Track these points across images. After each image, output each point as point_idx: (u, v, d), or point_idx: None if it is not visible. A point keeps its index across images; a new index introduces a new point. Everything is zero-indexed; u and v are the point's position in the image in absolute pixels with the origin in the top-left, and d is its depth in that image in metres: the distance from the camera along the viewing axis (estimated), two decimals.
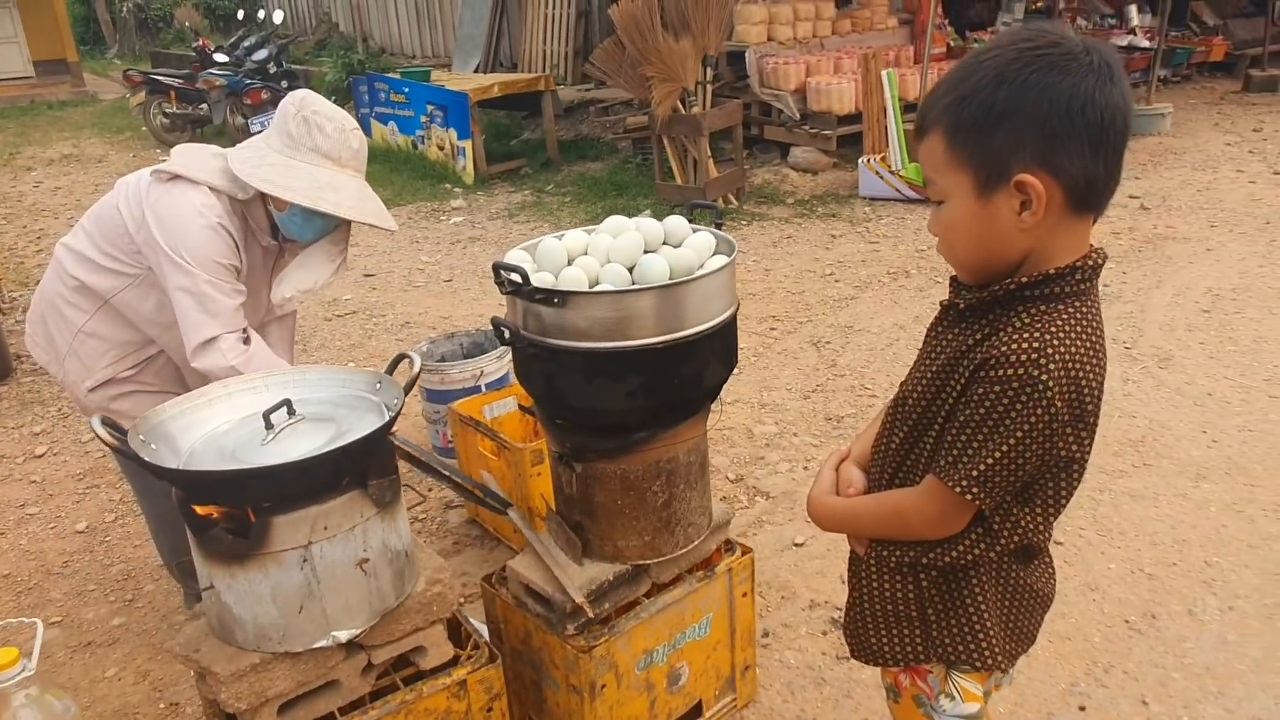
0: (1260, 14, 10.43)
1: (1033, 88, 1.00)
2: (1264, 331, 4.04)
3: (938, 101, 1.07)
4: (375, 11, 12.92)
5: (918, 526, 1.18)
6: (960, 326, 1.16)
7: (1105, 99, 1.00)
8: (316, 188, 1.90)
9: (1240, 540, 2.65)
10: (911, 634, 1.27)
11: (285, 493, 1.38)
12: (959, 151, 1.05)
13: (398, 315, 4.92)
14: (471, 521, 2.96)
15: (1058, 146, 1.01)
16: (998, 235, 1.07)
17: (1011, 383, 1.03)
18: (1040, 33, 1.03)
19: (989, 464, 1.07)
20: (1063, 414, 1.04)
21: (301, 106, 1.94)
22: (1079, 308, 1.07)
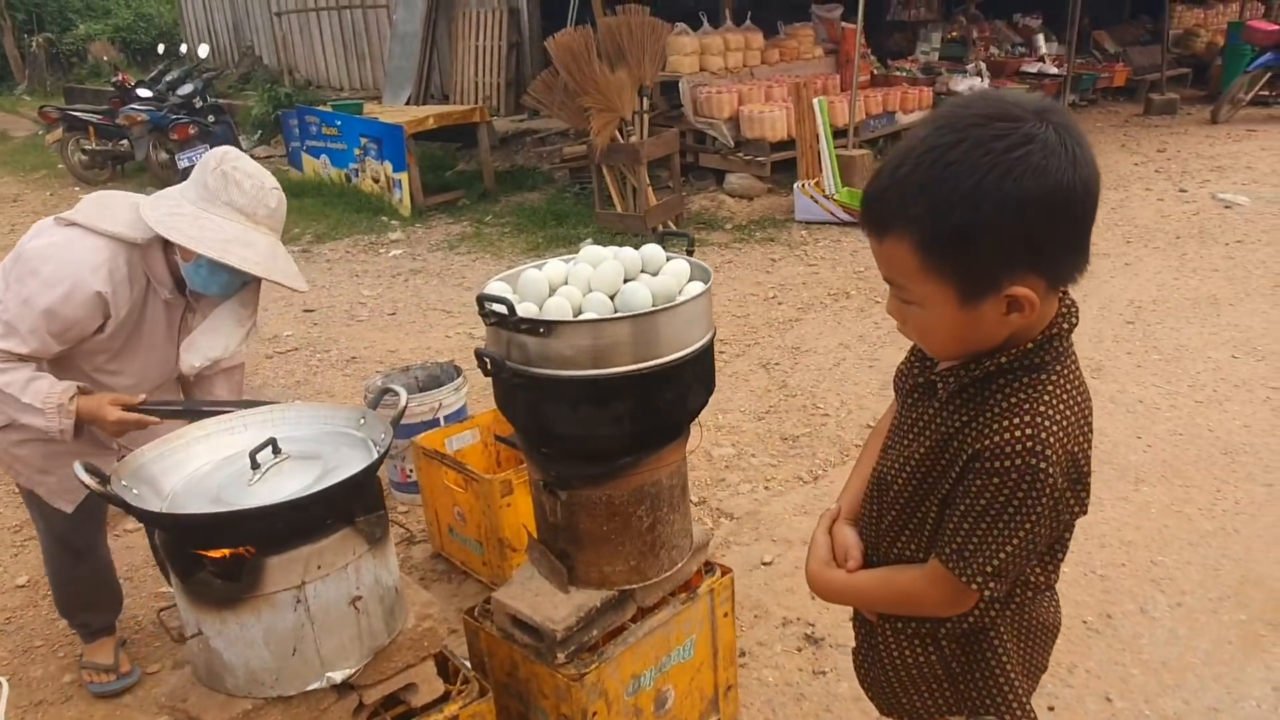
0: (1156, 42, 11.08)
1: (1014, 201, 0.92)
2: (1183, 340, 4.27)
3: (903, 206, 0.97)
4: (300, 45, 12.76)
5: (932, 608, 1.16)
6: (938, 404, 1.11)
7: (1083, 184, 0.95)
8: (225, 241, 1.88)
9: (1181, 539, 2.78)
10: (940, 691, 1.25)
11: (279, 533, 1.36)
12: (938, 264, 0.97)
13: (342, 350, 4.84)
14: (437, 557, 2.92)
15: (1045, 251, 0.97)
16: (983, 333, 1.02)
17: (1011, 474, 1.00)
18: (1003, 118, 0.94)
19: (1002, 558, 1.04)
20: (1064, 489, 1.03)
21: (222, 161, 1.93)
22: (1061, 372, 1.05)
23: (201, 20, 14.79)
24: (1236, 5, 12.19)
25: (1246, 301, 4.70)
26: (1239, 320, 4.46)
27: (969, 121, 0.95)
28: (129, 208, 1.99)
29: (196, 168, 1.97)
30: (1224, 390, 3.75)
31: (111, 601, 2.45)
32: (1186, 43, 11.51)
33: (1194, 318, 4.53)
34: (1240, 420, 3.49)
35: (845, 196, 6.52)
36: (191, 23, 15.06)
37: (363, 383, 4.29)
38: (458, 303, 5.45)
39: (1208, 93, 10.61)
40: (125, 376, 2.08)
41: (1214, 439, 3.37)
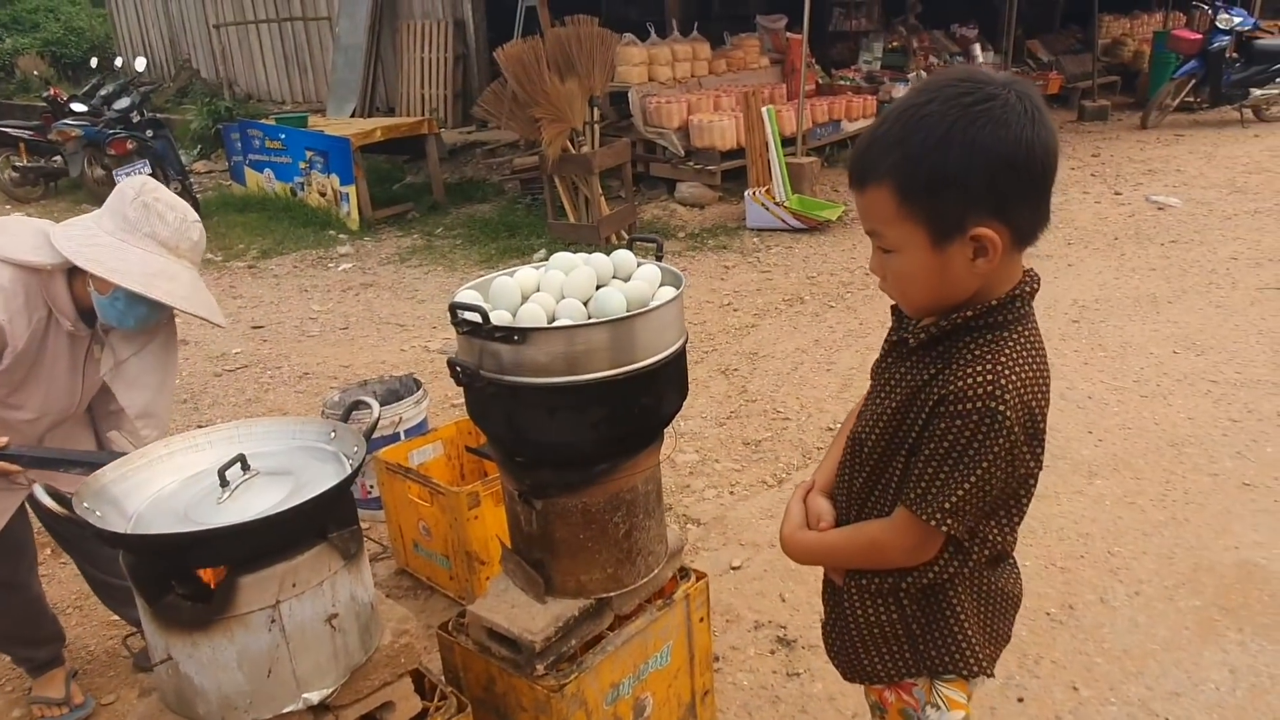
0: (1086, 51, 11.46)
1: (981, 147, 1.03)
2: (1127, 337, 4.40)
3: (882, 156, 1.08)
4: (240, 58, 12.53)
5: (894, 557, 1.22)
6: (911, 361, 1.19)
7: (1041, 143, 1.05)
8: (149, 274, 1.82)
9: (1135, 529, 2.86)
10: (900, 651, 1.30)
11: (252, 551, 1.32)
12: (911, 208, 1.07)
13: (294, 367, 4.74)
14: (401, 573, 2.87)
15: (1008, 199, 1.06)
16: (952, 280, 1.10)
17: (971, 416, 1.08)
18: (973, 83, 1.06)
19: (960, 495, 1.10)
20: (1020, 438, 1.09)
21: (142, 191, 1.87)
22: (1022, 333, 1.13)
23: (136, 34, 14.44)
24: (1160, 15, 12.66)
25: (1183, 299, 4.87)
26: (1177, 317, 4.62)
27: (940, 84, 1.08)
28: (33, 234, 1.90)
29: (112, 197, 1.89)
30: (1167, 385, 3.87)
31: (51, 634, 2.34)
32: (1115, 51, 11.93)
33: (1135, 315, 4.67)
34: (1184, 413, 3.61)
35: (795, 203, 6.60)
36: (125, 36, 14.69)
37: (317, 399, 4.22)
38: (411, 316, 5.38)
39: (1136, 99, 11.00)
40: (26, 411, 1.98)
41: (1160, 432, 3.47)
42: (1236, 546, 2.74)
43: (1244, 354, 4.12)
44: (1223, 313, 4.63)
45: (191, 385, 4.54)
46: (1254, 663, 2.27)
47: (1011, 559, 1.35)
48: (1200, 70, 9.39)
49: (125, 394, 2.04)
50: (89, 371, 2.05)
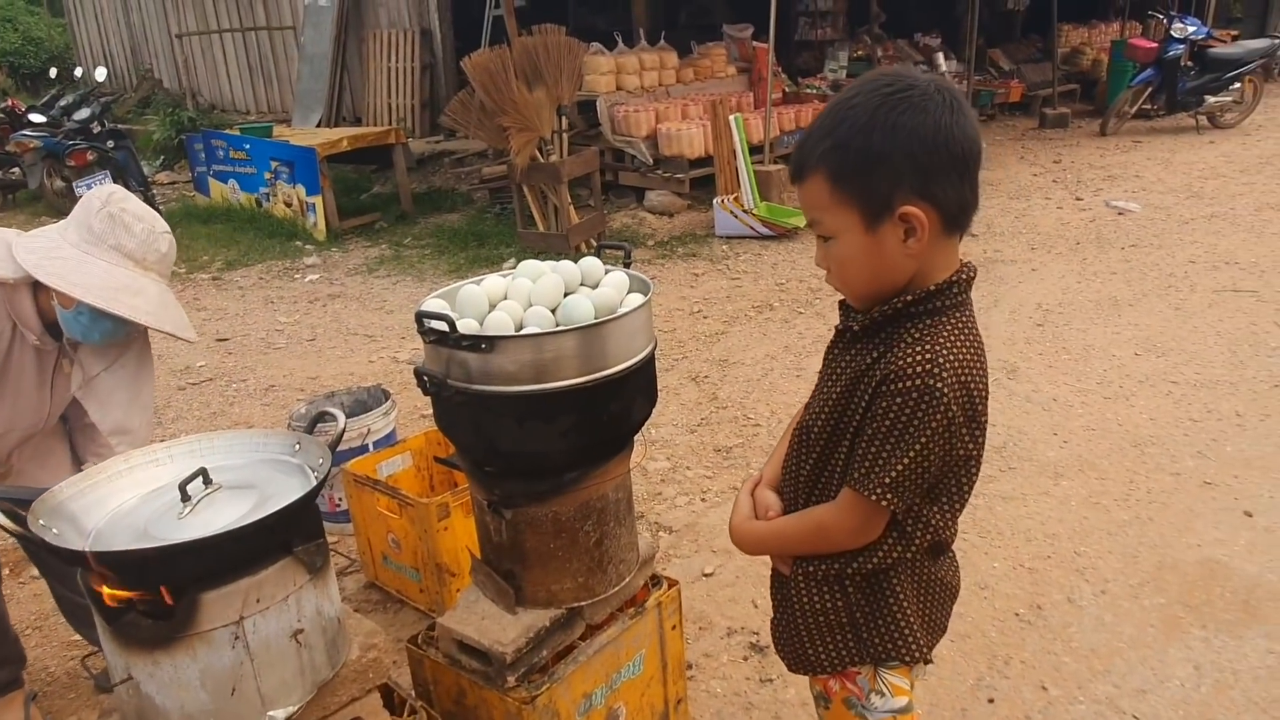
0: (1046, 59, 11.66)
1: (902, 129, 1.10)
2: (1090, 340, 4.47)
3: (815, 147, 1.16)
4: (203, 67, 12.38)
5: (839, 538, 1.26)
6: (856, 348, 1.25)
7: (961, 131, 1.12)
8: (112, 289, 1.77)
9: (1100, 529, 2.90)
10: (844, 639, 1.34)
11: (216, 566, 1.29)
12: (843, 192, 1.14)
13: (260, 379, 4.68)
14: (371, 586, 2.83)
15: (931, 177, 1.12)
16: (887, 262, 1.16)
17: (911, 394, 1.12)
18: (895, 77, 1.14)
19: (899, 470, 1.15)
20: (958, 417, 1.14)
21: (108, 202, 1.81)
22: (959, 319, 1.19)
23: (96, 44, 14.23)
24: (1117, 25, 12.93)
25: (1144, 302, 4.96)
26: (1138, 320, 4.70)
27: (866, 81, 1.16)
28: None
29: (78, 207, 1.84)
30: (1129, 386, 3.94)
31: (11, 655, 2.28)
32: (1074, 60, 12.14)
33: (1098, 318, 4.75)
34: (1146, 414, 3.67)
35: (764, 211, 6.64)
36: (85, 46, 14.47)
37: (283, 411, 4.16)
38: (379, 326, 5.34)
39: (1095, 107, 11.21)
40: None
41: (1124, 432, 3.53)
42: (1199, 544, 2.78)
43: (1203, 355, 4.21)
44: (1182, 315, 4.72)
45: (155, 399, 4.46)
46: (1217, 658, 2.31)
47: (951, 552, 1.39)
48: (1156, 78, 9.59)
49: (98, 411, 1.99)
50: (58, 386, 2.00)
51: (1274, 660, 2.28)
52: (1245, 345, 4.29)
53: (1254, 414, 3.62)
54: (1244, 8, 15.90)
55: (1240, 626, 2.42)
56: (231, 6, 11.51)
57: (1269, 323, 4.55)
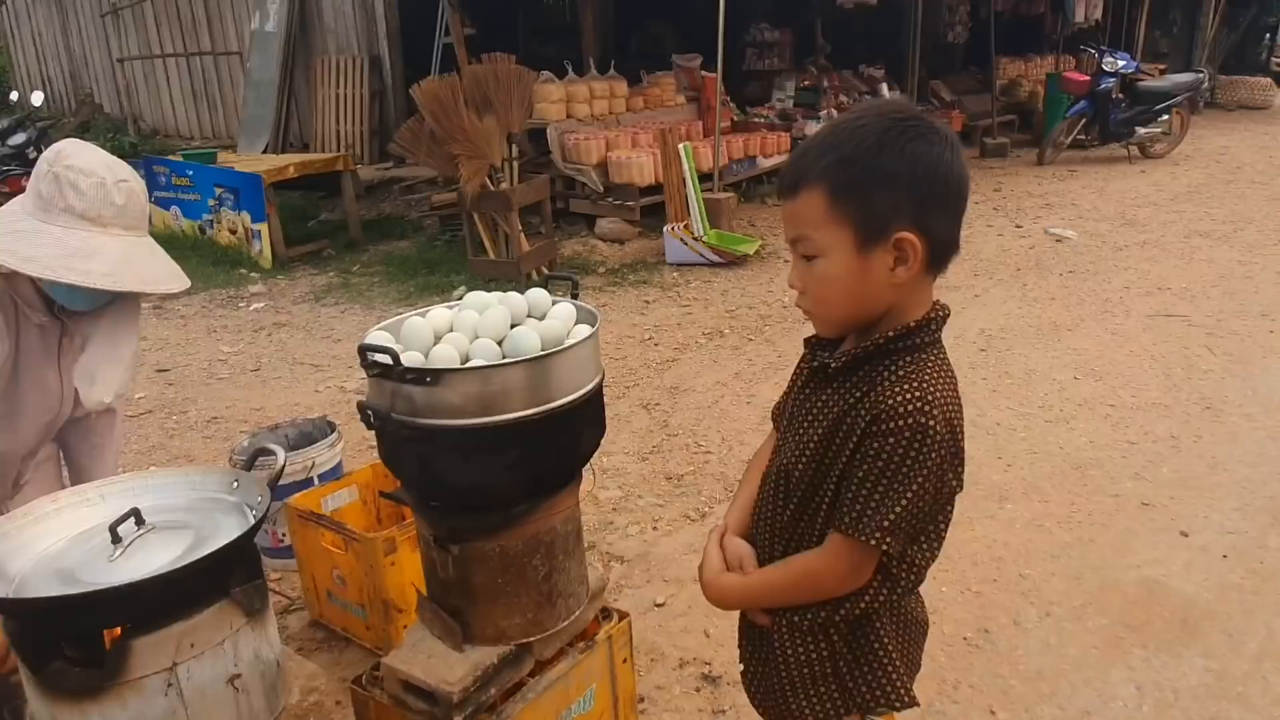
0: (985, 91, 12.02)
1: (910, 155, 1.10)
2: (1031, 364, 4.58)
3: (815, 161, 1.14)
4: (146, 92, 12.15)
5: (830, 584, 1.22)
6: (832, 387, 1.22)
7: (960, 171, 1.15)
8: (63, 255, 1.64)
9: (1044, 552, 2.95)
10: (830, 691, 1.29)
11: (147, 612, 1.25)
12: (841, 208, 1.12)
13: (201, 411, 4.56)
14: (316, 624, 2.76)
15: (929, 209, 1.12)
16: (870, 289, 1.15)
17: (904, 433, 1.10)
18: (901, 107, 1.16)
19: (897, 512, 1.12)
20: (947, 454, 1.13)
21: (55, 161, 1.69)
22: (938, 355, 1.18)
23: (34, 67, 13.89)
24: (1052, 58, 13.39)
25: (1082, 326, 5.10)
26: (1077, 344, 4.83)
27: (871, 106, 1.18)
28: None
29: (33, 174, 1.73)
30: (1069, 410, 4.04)
31: None
32: (1012, 92, 12.54)
33: (1038, 343, 4.87)
34: (1086, 437, 3.76)
35: (714, 238, 6.70)
36: (23, 69, 14.11)
37: (226, 444, 4.06)
38: (326, 355, 5.25)
39: (1033, 136, 11.57)
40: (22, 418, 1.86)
41: (1065, 455, 3.61)
42: (1138, 565, 2.85)
43: (1138, 379, 4.33)
44: (1118, 339, 4.87)
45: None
46: (1158, 678, 2.35)
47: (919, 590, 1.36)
48: (1090, 110, 9.94)
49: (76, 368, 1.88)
50: (65, 365, 1.91)
51: (1211, 678, 2.34)
52: (1178, 368, 4.43)
53: (1188, 436, 3.73)
54: (1170, 43, 16.59)
55: (1179, 645, 2.47)
56: (175, 31, 11.34)
57: (1199, 346, 4.71)
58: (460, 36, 7.72)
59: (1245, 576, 2.77)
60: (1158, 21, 15.65)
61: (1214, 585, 2.73)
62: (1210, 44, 15.63)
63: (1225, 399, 4.07)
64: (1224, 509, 3.16)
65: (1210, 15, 15.32)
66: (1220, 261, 6.27)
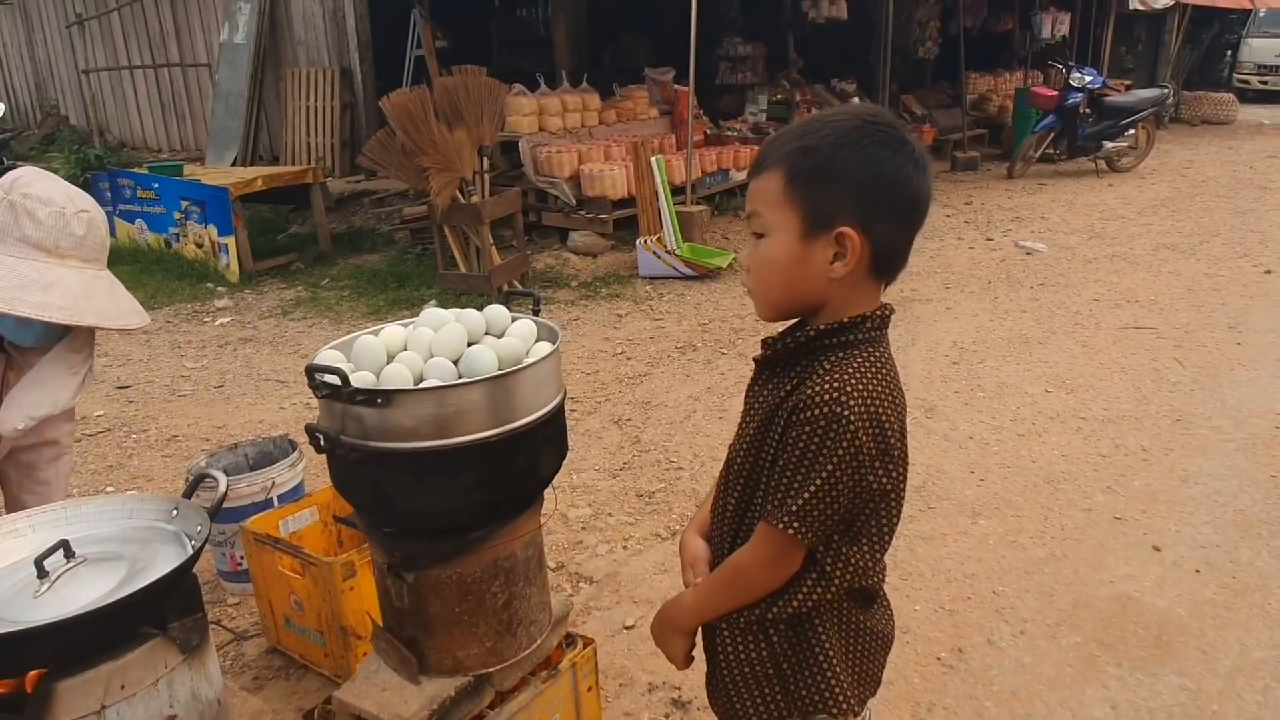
0: (956, 105, 12.13)
1: (868, 156, 1.13)
2: (1003, 377, 4.58)
3: (782, 146, 1.17)
4: (112, 104, 11.97)
5: (756, 576, 1.23)
6: (774, 382, 1.24)
7: (919, 185, 1.16)
8: (16, 286, 1.59)
9: (1017, 568, 2.92)
10: (772, 691, 1.29)
11: (73, 651, 1.17)
12: (794, 193, 1.15)
13: (162, 429, 4.44)
14: (273, 651, 2.67)
15: (876, 212, 1.13)
16: (807, 276, 1.17)
17: (819, 421, 1.12)
18: (881, 114, 1.18)
19: (805, 498, 1.13)
20: (868, 446, 1.12)
21: (11, 189, 1.64)
22: (872, 353, 1.18)
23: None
24: (1021, 73, 13.55)
25: (1052, 339, 5.11)
26: (1048, 357, 4.83)
27: (862, 112, 1.18)
28: None
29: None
30: (1041, 423, 4.03)
31: None
32: (982, 106, 12.66)
33: (1010, 356, 4.87)
34: (1058, 450, 3.75)
35: (686, 251, 6.67)
36: None
37: (185, 463, 3.95)
38: (293, 371, 5.14)
39: (1003, 151, 11.68)
40: None
41: (1037, 469, 3.59)
42: (1111, 580, 2.83)
43: (1109, 391, 4.34)
44: (1089, 352, 4.88)
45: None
46: (1133, 697, 2.32)
47: (883, 598, 1.35)
48: (1058, 124, 10.05)
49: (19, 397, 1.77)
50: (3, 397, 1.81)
51: (1186, 697, 2.31)
52: (1148, 381, 4.45)
53: (1158, 448, 3.73)
54: (1135, 59, 16.86)
55: (1153, 663, 2.45)
56: (143, 42, 11.19)
57: (1168, 358, 4.73)
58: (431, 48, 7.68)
59: (1218, 591, 2.76)
60: (1123, 38, 15.91)
61: (1187, 601, 2.71)
62: (1174, 60, 15.90)
63: (1195, 411, 4.08)
64: (1196, 522, 3.16)
65: (1174, 32, 15.59)
66: (1187, 274, 6.33)
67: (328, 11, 9.25)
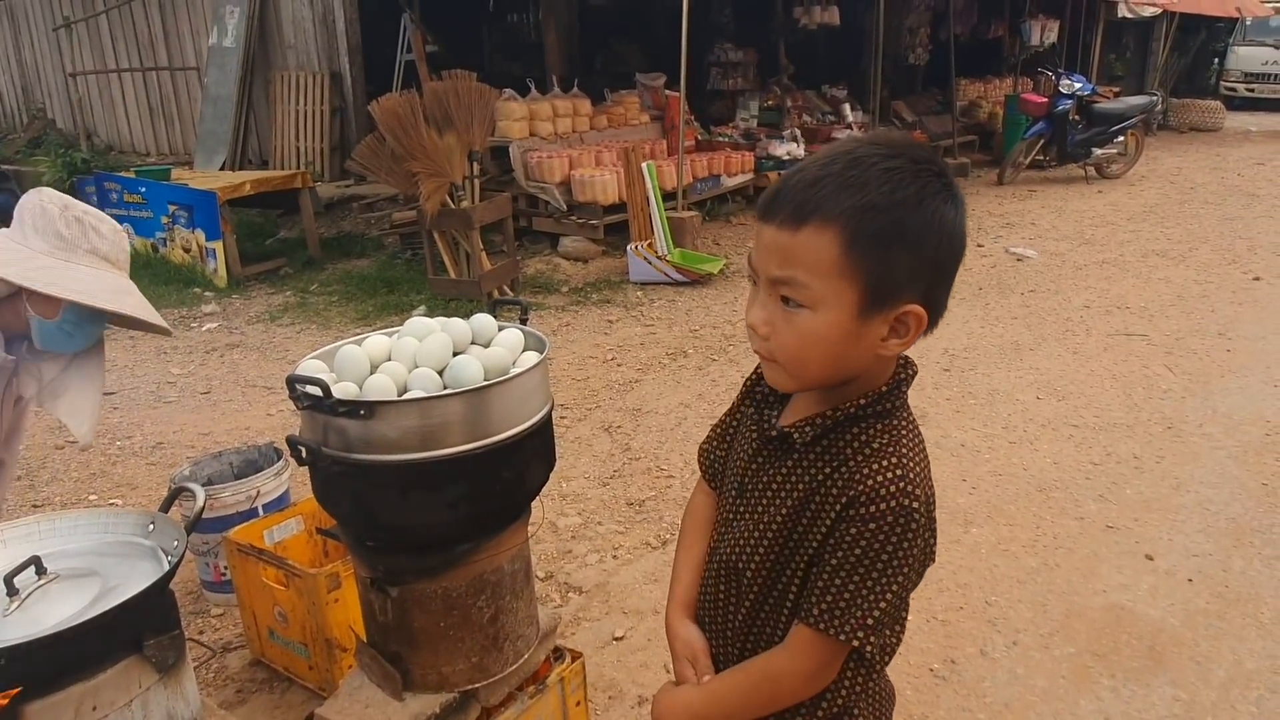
0: (946, 111, 12.16)
1: (938, 218, 0.96)
2: (994, 384, 4.57)
3: (834, 196, 0.95)
4: (100, 107, 11.90)
5: (793, 686, 1.07)
6: (792, 460, 1.07)
7: (964, 233, 1.01)
8: (112, 290, 1.81)
9: (1010, 577, 2.90)
10: None
11: (43, 672, 1.14)
12: (856, 261, 0.95)
13: (147, 436, 4.39)
14: (256, 663, 2.63)
15: (940, 281, 0.99)
16: (856, 355, 1.00)
17: (887, 518, 0.98)
18: (927, 152, 1.01)
19: (883, 607, 1.00)
20: (927, 532, 1.04)
21: (67, 207, 1.82)
22: (909, 418, 1.07)
23: None
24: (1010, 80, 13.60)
25: (1044, 346, 5.11)
26: (1039, 364, 4.83)
27: (901, 144, 0.99)
28: None
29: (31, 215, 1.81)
30: (1033, 430, 4.01)
31: None
32: (972, 113, 12.69)
33: (1001, 363, 4.86)
34: (1050, 458, 3.74)
35: (677, 257, 6.65)
36: None
37: (170, 471, 3.90)
38: (280, 378, 5.07)
39: (993, 156, 11.70)
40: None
41: (1029, 477, 3.58)
42: (1104, 590, 2.81)
43: (1100, 398, 4.33)
44: (1079, 359, 4.88)
45: (29, 460, 4.14)
46: (1127, 708, 2.30)
47: None
48: (1048, 131, 10.07)
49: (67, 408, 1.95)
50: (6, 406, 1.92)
51: (1180, 708, 2.30)
52: (1139, 388, 4.44)
53: (1150, 456, 3.72)
54: (1123, 66, 16.96)
55: (1147, 674, 2.43)
56: (131, 46, 11.13)
57: (1159, 365, 4.73)
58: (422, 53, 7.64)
59: (1211, 601, 2.74)
60: (1111, 45, 16.00)
61: (1180, 611, 2.70)
62: (1162, 68, 15.99)
63: (1186, 419, 4.07)
64: (1188, 531, 3.14)
65: (1161, 40, 15.68)
66: (1177, 281, 6.34)
67: (317, 15, 9.21)
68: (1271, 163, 11.29)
